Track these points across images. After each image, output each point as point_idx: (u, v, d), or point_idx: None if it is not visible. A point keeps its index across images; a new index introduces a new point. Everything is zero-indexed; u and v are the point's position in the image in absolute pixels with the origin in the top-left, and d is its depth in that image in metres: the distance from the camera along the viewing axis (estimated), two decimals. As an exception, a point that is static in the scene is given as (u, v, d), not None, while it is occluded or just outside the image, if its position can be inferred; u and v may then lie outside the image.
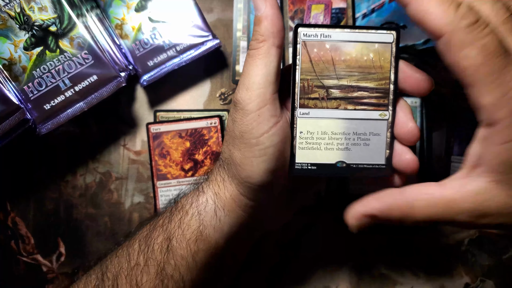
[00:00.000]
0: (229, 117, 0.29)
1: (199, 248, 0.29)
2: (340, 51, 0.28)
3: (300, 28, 0.28)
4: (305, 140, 0.28)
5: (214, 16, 0.43)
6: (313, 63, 0.28)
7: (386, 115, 0.28)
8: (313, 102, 0.28)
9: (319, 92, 0.28)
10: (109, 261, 0.31)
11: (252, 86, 0.26)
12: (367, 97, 0.28)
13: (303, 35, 0.28)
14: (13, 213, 0.43)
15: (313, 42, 0.28)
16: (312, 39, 0.28)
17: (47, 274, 0.43)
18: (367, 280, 0.42)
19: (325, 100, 0.28)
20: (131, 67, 0.39)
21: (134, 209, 0.43)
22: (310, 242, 0.42)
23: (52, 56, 0.37)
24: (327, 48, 0.28)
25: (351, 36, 0.27)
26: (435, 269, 0.42)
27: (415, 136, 0.28)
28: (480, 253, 0.42)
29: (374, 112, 0.28)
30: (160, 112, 0.42)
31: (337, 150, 0.28)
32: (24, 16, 0.37)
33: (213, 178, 0.30)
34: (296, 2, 0.41)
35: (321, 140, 0.28)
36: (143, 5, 0.39)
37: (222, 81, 0.43)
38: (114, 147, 0.43)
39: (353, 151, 0.28)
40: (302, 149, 0.28)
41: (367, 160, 0.28)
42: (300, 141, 0.28)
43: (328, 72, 0.28)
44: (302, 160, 0.29)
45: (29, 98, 0.37)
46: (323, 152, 0.28)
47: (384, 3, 0.41)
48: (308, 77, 0.28)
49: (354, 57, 0.28)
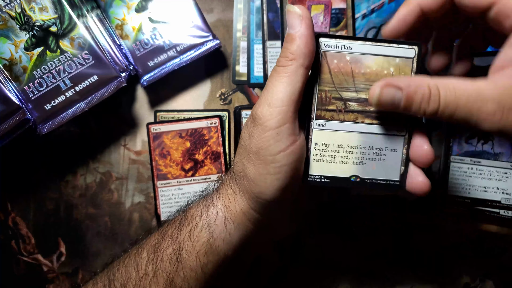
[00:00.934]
0: (246, 130, 0.28)
1: (208, 260, 0.29)
2: (361, 64, 0.27)
3: (321, 38, 0.27)
4: (320, 152, 0.28)
5: (214, 16, 0.43)
6: (332, 75, 0.27)
7: (403, 131, 0.28)
8: (330, 114, 0.28)
9: (336, 104, 0.28)
10: (116, 269, 0.31)
11: (275, 102, 0.26)
12: (385, 111, 0.27)
13: (324, 46, 0.27)
14: (14, 213, 0.43)
15: (333, 53, 0.27)
16: (332, 50, 0.27)
17: (47, 273, 0.43)
18: (367, 280, 0.42)
19: (342, 113, 0.28)
20: (131, 67, 0.39)
21: (134, 209, 0.43)
22: (310, 244, 0.42)
23: (53, 56, 0.37)
24: (347, 60, 0.27)
25: (372, 49, 0.27)
26: (435, 269, 0.42)
27: (430, 159, 0.28)
28: (479, 253, 0.42)
29: (392, 128, 0.28)
30: (160, 112, 0.42)
31: (352, 164, 0.28)
32: (25, 16, 0.37)
33: (223, 190, 0.30)
34: (296, 2, 0.41)
35: (336, 153, 0.28)
36: (144, 6, 0.40)
37: (222, 81, 0.43)
38: (114, 147, 0.43)
39: (368, 166, 0.28)
40: (316, 161, 0.28)
41: (381, 175, 0.28)
42: (315, 153, 0.28)
43: (347, 84, 0.27)
44: (316, 172, 0.28)
45: (30, 98, 0.37)
46: (338, 165, 0.28)
47: (383, 3, 0.41)
48: (327, 88, 0.28)
49: (374, 71, 0.27)
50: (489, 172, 0.40)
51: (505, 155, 0.40)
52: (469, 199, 0.40)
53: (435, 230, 0.42)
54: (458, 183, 0.41)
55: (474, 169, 0.40)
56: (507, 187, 0.40)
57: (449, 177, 0.41)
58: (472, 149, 0.40)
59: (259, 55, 0.42)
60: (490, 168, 0.40)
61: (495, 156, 0.40)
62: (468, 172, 0.40)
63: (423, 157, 0.28)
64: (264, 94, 0.27)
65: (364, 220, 0.42)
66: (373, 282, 0.42)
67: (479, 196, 0.40)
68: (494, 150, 0.40)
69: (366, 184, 0.28)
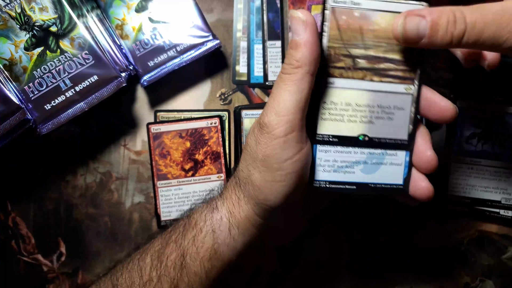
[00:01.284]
0: (252, 137, 0.28)
1: (212, 266, 0.29)
2: (369, 20, 0.27)
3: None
4: (328, 110, 0.27)
5: (214, 16, 0.43)
6: (341, 31, 0.27)
7: (411, 89, 0.27)
8: (339, 72, 0.27)
9: (345, 61, 0.27)
10: (120, 273, 0.30)
11: (282, 111, 0.26)
12: (394, 69, 0.27)
13: (332, 1, 0.26)
14: (14, 213, 0.43)
15: (342, 9, 0.26)
16: (341, 5, 0.26)
17: (47, 274, 0.43)
18: (367, 280, 0.42)
19: (351, 70, 0.27)
20: (131, 67, 0.39)
21: (135, 209, 0.43)
22: (311, 245, 0.42)
23: (53, 56, 0.37)
24: (356, 16, 0.26)
25: (382, 5, 0.26)
26: (435, 269, 0.42)
27: (433, 165, 0.28)
28: (479, 253, 0.42)
29: (400, 86, 0.27)
30: (160, 112, 0.42)
31: (360, 123, 0.28)
32: (25, 16, 0.37)
33: (228, 196, 0.30)
34: (296, 2, 0.41)
35: (344, 111, 0.28)
36: (144, 6, 0.40)
37: (222, 81, 0.43)
38: (114, 147, 0.43)
39: (376, 125, 0.28)
40: (324, 120, 0.27)
41: (390, 134, 0.28)
42: (323, 112, 0.27)
43: (355, 41, 0.27)
44: (324, 132, 0.28)
45: (30, 98, 0.37)
46: (346, 124, 0.28)
47: (384, 3, 0.41)
48: (335, 45, 0.27)
49: (383, 28, 0.27)
50: (489, 172, 0.40)
51: (505, 155, 0.40)
52: (469, 199, 0.40)
53: (435, 230, 0.42)
54: (458, 183, 0.41)
55: (474, 169, 0.40)
56: (507, 187, 0.40)
57: (449, 177, 0.41)
58: (472, 149, 0.40)
59: (259, 55, 0.42)
60: (490, 168, 0.40)
61: (495, 156, 0.40)
62: (468, 172, 0.41)
63: (427, 163, 0.28)
64: (271, 102, 0.26)
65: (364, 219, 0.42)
66: (372, 282, 0.42)
67: (479, 196, 0.40)
68: (494, 150, 0.40)
69: (374, 144, 0.28)
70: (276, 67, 0.42)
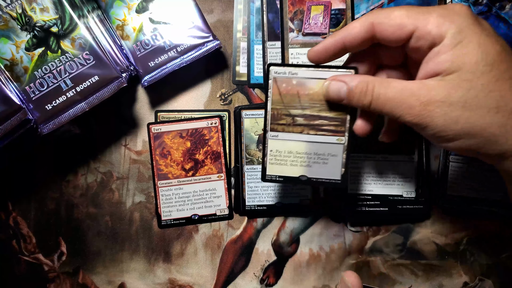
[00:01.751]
0: None
1: None
2: (305, 86, 0.32)
3: (272, 67, 0.33)
4: (274, 157, 0.34)
5: (214, 17, 0.43)
6: (282, 96, 0.33)
7: (342, 140, 0.32)
8: (282, 127, 0.34)
9: (286, 119, 0.33)
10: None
11: None
12: (327, 124, 0.32)
13: (274, 73, 0.33)
14: (15, 212, 0.43)
15: (282, 78, 0.33)
16: (281, 76, 0.33)
17: (48, 273, 0.43)
18: (366, 279, 0.42)
19: (291, 126, 0.33)
20: (132, 68, 0.40)
21: (135, 209, 0.43)
22: (308, 242, 0.43)
23: (54, 56, 0.37)
24: (294, 84, 0.33)
25: (315, 74, 0.32)
26: (434, 269, 0.42)
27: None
28: (478, 252, 0.42)
29: (333, 137, 0.33)
30: (161, 112, 0.43)
31: (300, 166, 0.33)
32: (26, 17, 0.37)
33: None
34: (296, 3, 0.41)
35: (287, 157, 0.33)
36: (144, 6, 0.40)
37: (222, 81, 0.43)
38: (115, 147, 0.43)
39: (313, 168, 0.33)
40: (272, 164, 0.34)
41: (325, 175, 0.33)
42: (270, 158, 0.34)
43: (294, 103, 0.33)
44: (272, 173, 0.34)
45: (31, 99, 0.37)
46: (289, 167, 0.33)
47: (383, 4, 0.41)
48: (278, 106, 0.33)
49: (317, 91, 0.32)
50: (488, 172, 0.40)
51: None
52: (468, 198, 0.41)
53: (435, 229, 0.42)
54: (457, 183, 0.41)
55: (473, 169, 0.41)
56: (505, 186, 0.40)
57: (448, 177, 0.41)
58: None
59: (259, 55, 0.42)
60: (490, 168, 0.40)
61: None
62: (467, 172, 0.41)
63: None
64: None
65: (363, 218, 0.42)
66: (372, 281, 0.42)
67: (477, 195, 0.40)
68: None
69: (313, 182, 0.33)
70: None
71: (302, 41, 0.41)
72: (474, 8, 0.40)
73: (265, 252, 0.43)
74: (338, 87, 0.30)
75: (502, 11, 0.40)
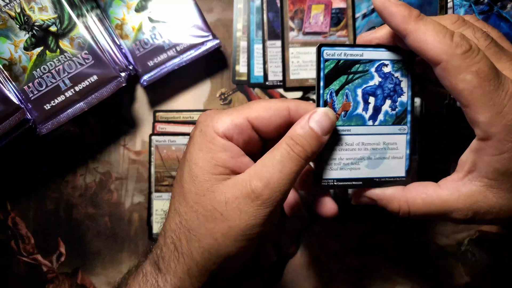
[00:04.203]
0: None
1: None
2: (180, 152, 0.40)
3: (153, 136, 0.40)
4: (160, 216, 0.39)
5: (214, 16, 0.43)
6: (164, 160, 0.40)
7: None
8: (165, 188, 0.39)
9: (168, 181, 0.38)
10: None
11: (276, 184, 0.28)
12: None
13: (155, 141, 0.40)
14: (13, 213, 0.43)
15: (163, 146, 0.40)
16: (162, 143, 0.40)
17: (47, 274, 0.43)
18: (367, 280, 0.42)
19: None
20: (131, 67, 0.39)
21: (134, 209, 0.43)
22: (309, 243, 0.42)
23: (52, 56, 0.37)
24: (173, 150, 0.39)
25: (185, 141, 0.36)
26: (435, 269, 0.42)
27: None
28: (480, 252, 0.42)
29: None
30: (160, 112, 0.42)
31: None
32: (24, 16, 0.37)
33: (170, 270, 0.28)
34: (296, 2, 0.41)
35: None
36: (143, 5, 0.40)
37: (222, 81, 0.43)
38: (114, 147, 0.43)
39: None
40: (157, 222, 0.41)
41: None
42: (156, 217, 0.40)
43: (174, 166, 0.39)
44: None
45: (29, 98, 0.37)
46: None
47: (384, 3, 0.41)
48: (160, 170, 0.40)
49: None
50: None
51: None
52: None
53: (435, 229, 0.42)
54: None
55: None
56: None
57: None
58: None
59: (259, 55, 0.42)
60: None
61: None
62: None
63: None
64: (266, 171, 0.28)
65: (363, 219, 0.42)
66: (372, 282, 0.42)
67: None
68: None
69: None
70: (276, 67, 0.42)
71: (303, 40, 0.41)
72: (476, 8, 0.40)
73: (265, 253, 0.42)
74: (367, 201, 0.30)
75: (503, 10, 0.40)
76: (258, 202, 0.26)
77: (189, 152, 0.28)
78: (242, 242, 0.26)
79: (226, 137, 0.28)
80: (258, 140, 0.30)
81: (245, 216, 0.26)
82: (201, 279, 0.27)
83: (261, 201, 0.26)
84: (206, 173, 0.27)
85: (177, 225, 0.28)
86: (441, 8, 0.40)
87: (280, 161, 0.26)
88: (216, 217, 0.26)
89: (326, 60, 0.28)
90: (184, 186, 0.28)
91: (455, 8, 0.39)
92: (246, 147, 0.29)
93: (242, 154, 0.28)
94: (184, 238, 0.27)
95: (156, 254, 0.29)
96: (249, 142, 0.29)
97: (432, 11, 0.40)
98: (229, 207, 0.26)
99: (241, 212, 0.26)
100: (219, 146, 0.27)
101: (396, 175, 0.30)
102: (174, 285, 0.27)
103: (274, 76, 0.42)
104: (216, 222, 0.26)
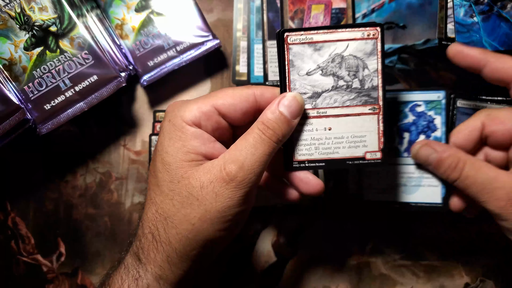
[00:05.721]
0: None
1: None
2: None
3: (153, 136, 0.40)
4: None
5: (214, 16, 0.43)
6: None
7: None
8: None
9: None
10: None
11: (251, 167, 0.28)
12: None
13: (156, 141, 0.32)
14: (13, 213, 0.43)
15: None
16: None
17: (47, 274, 0.43)
18: (367, 280, 0.42)
19: None
20: (131, 67, 0.39)
21: (134, 209, 0.43)
22: (308, 242, 0.42)
23: (53, 56, 0.37)
24: None
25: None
26: (435, 270, 0.42)
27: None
28: (480, 253, 0.42)
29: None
30: (160, 112, 0.42)
31: None
32: (25, 16, 0.37)
33: (150, 259, 0.28)
34: (296, 2, 0.41)
35: None
36: (143, 5, 0.40)
37: (222, 81, 0.43)
38: (114, 147, 0.43)
39: None
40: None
41: None
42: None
43: None
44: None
45: (30, 98, 0.37)
46: None
47: (384, 3, 0.41)
48: None
49: None
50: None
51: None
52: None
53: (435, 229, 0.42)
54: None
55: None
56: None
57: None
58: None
59: (259, 55, 0.42)
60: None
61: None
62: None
63: None
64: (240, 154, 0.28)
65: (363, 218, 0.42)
66: (373, 282, 0.42)
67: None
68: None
69: None
70: (276, 67, 0.42)
71: (302, 40, 0.41)
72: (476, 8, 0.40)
73: (265, 253, 0.42)
74: (428, 153, 0.31)
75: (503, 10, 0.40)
76: (233, 184, 0.26)
77: (160, 143, 0.29)
78: (219, 224, 0.27)
79: (195, 125, 0.28)
80: (228, 127, 0.30)
81: (221, 198, 0.26)
82: (182, 266, 0.28)
83: (236, 183, 0.26)
84: (178, 160, 0.27)
85: (154, 215, 0.28)
86: (441, 8, 0.40)
87: (253, 144, 0.27)
88: (192, 202, 0.27)
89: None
90: (158, 176, 0.28)
91: (455, 8, 0.39)
92: (216, 134, 0.29)
93: (213, 140, 0.29)
94: (161, 226, 0.28)
95: (136, 245, 0.29)
96: (218, 129, 0.29)
97: (432, 11, 0.40)
98: (205, 191, 0.27)
99: (216, 195, 0.26)
100: (188, 134, 0.28)
101: (432, 201, 0.34)
102: (154, 274, 0.28)
103: (274, 76, 0.42)
104: (192, 207, 0.27)
